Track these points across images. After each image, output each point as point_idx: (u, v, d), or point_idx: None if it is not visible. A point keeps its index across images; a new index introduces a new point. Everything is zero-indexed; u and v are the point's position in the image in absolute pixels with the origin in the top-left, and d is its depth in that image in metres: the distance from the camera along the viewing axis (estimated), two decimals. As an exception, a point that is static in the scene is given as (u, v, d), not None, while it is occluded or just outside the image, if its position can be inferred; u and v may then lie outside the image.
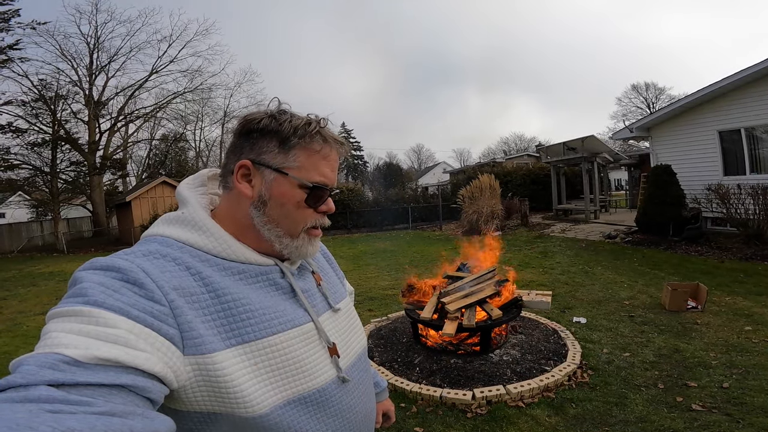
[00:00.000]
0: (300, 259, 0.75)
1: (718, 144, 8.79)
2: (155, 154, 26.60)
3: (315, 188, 0.69)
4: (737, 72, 7.94)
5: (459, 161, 54.17)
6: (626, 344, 3.61)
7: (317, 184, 0.69)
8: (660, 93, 37.18)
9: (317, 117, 0.70)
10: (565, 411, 2.64)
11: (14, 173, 18.57)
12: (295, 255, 0.72)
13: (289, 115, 0.68)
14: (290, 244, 0.71)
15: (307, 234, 0.72)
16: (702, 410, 2.54)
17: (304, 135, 0.67)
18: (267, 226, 0.69)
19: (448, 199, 16.58)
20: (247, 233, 0.70)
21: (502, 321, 3.25)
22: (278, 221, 0.69)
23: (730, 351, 3.35)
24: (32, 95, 18.55)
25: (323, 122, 0.70)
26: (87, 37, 20.58)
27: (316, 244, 0.75)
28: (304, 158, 0.68)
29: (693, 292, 4.57)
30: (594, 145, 13.14)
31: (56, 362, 0.44)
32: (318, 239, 0.76)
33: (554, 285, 5.82)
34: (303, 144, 0.67)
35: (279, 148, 0.67)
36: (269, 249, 0.71)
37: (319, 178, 0.69)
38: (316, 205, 0.71)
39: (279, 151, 0.67)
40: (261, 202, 0.68)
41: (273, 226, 0.69)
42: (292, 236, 0.70)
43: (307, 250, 0.73)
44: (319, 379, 0.68)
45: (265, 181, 0.67)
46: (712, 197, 7.90)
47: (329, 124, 0.72)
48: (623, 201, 18.64)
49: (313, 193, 0.69)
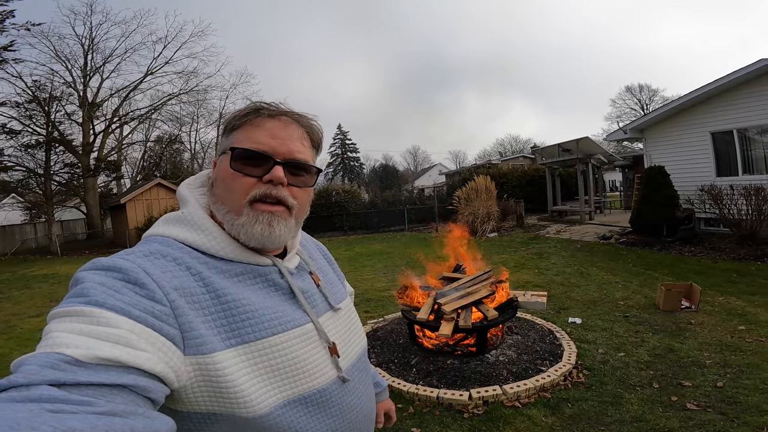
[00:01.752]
0: (256, 243, 0.67)
1: (710, 145, 8.87)
2: (150, 156, 26.43)
3: (236, 151, 0.67)
4: (729, 74, 8.03)
5: (455, 163, 54.34)
6: (621, 344, 3.63)
7: (238, 147, 0.67)
8: (654, 95, 37.50)
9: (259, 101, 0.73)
10: (561, 411, 2.65)
11: (8, 175, 18.44)
12: (245, 237, 0.66)
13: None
14: (236, 222, 0.66)
15: (252, 209, 0.66)
16: (697, 409, 2.56)
17: (242, 116, 0.70)
18: (215, 205, 0.70)
19: (444, 200, 16.62)
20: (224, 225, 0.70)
21: (498, 321, 3.26)
22: (222, 197, 0.68)
23: (724, 350, 3.38)
24: (26, 96, 18.48)
25: (268, 103, 0.72)
26: (81, 38, 20.50)
27: (268, 224, 0.66)
28: (240, 134, 0.70)
29: (687, 292, 4.61)
30: (589, 147, 13.23)
31: (57, 362, 0.44)
32: (275, 219, 0.67)
33: (550, 286, 5.85)
34: (241, 124, 0.70)
35: (225, 135, 0.72)
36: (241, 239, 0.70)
37: (248, 144, 0.67)
38: (253, 173, 0.66)
39: (225, 138, 0.71)
40: (211, 184, 0.71)
41: (220, 204, 0.69)
42: (237, 212, 0.66)
43: (255, 230, 0.65)
44: (319, 379, 0.68)
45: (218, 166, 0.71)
46: (705, 198, 7.96)
47: (281, 104, 0.73)
48: (618, 202, 18.75)
49: (238, 159, 0.66)
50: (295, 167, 0.69)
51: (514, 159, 26.71)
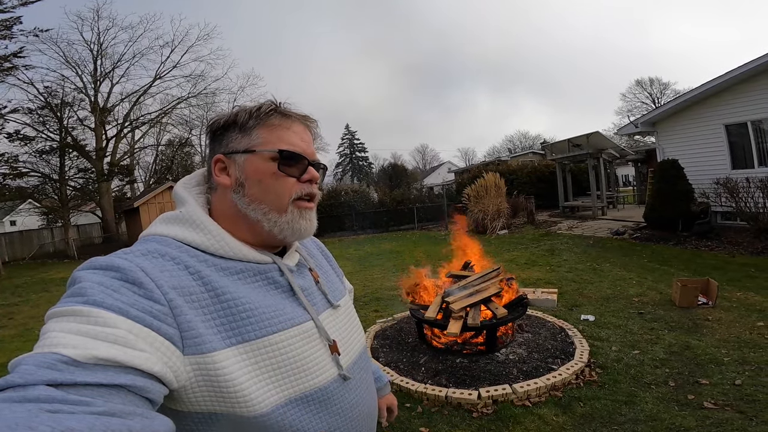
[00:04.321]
0: (296, 238, 0.73)
1: (725, 137, 8.69)
2: (162, 159, 26.78)
3: (284, 153, 0.69)
4: (743, 65, 7.85)
5: (464, 160, 54.08)
6: (636, 341, 3.57)
7: (286, 150, 0.69)
8: (665, 88, 36.84)
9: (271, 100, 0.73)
10: (572, 410, 2.61)
11: (24, 181, 18.75)
12: (289, 232, 0.71)
13: (243, 106, 0.72)
14: (279, 220, 0.70)
15: (296, 207, 0.71)
16: (714, 408, 2.50)
17: (259, 115, 0.70)
18: (251, 206, 0.69)
19: (453, 198, 16.53)
20: (239, 224, 0.70)
21: (508, 320, 3.23)
22: (261, 198, 0.69)
23: (743, 347, 3.30)
24: (38, 103, 18.73)
25: (278, 102, 0.73)
26: (90, 43, 20.79)
27: (309, 220, 0.73)
28: (266, 133, 0.70)
29: (703, 287, 4.51)
30: (599, 142, 13.05)
31: (55, 362, 0.44)
32: (312, 214, 0.74)
33: (562, 283, 5.78)
34: (260, 123, 0.70)
35: (241, 134, 0.70)
36: (265, 236, 0.71)
37: (285, 146, 0.70)
38: (295, 173, 0.70)
39: (242, 137, 0.70)
40: (239, 185, 0.70)
41: (257, 204, 0.69)
42: (280, 211, 0.70)
43: (300, 225, 0.71)
44: (320, 377, 0.68)
45: (238, 165, 0.70)
46: (720, 191, 7.81)
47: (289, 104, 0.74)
48: (631, 197, 18.49)
49: (285, 160, 0.69)
50: (317, 167, 0.75)
51: (523, 155, 26.44)
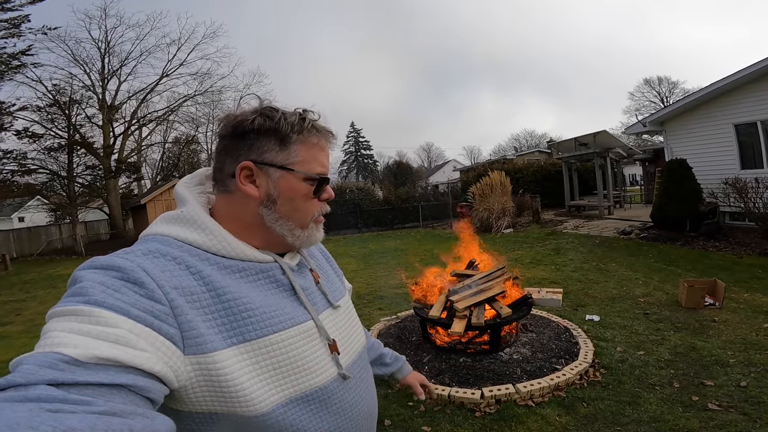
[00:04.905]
0: (309, 246, 0.79)
1: (734, 137, 8.57)
2: (168, 156, 26.94)
3: (320, 180, 0.72)
4: (753, 64, 7.73)
5: (469, 159, 53.86)
6: (641, 342, 3.54)
7: (321, 176, 0.72)
8: (673, 87, 36.38)
9: (305, 110, 0.71)
10: (576, 410, 2.60)
11: (32, 178, 18.97)
12: (306, 243, 0.76)
13: (280, 112, 0.69)
14: (302, 235, 0.74)
15: (315, 222, 0.76)
16: (718, 409, 2.48)
17: (302, 130, 0.69)
18: (279, 222, 0.70)
19: (458, 197, 16.48)
20: (255, 232, 0.71)
21: (512, 319, 3.22)
22: (289, 215, 0.71)
23: (749, 349, 3.26)
24: (47, 100, 18.91)
25: (315, 115, 0.72)
26: (98, 41, 20.89)
27: (320, 231, 0.79)
28: (304, 152, 0.70)
29: (710, 288, 4.47)
30: (606, 141, 12.93)
31: (56, 361, 0.44)
32: (321, 225, 0.79)
33: (567, 282, 5.75)
34: (301, 139, 0.69)
35: (279, 146, 0.68)
36: (277, 244, 0.73)
37: (320, 169, 0.72)
38: (325, 197, 0.75)
39: (280, 149, 0.68)
40: (270, 200, 0.69)
41: (285, 221, 0.71)
42: (303, 227, 0.73)
43: (316, 237, 0.77)
44: (320, 377, 0.68)
45: (272, 179, 0.69)
46: (729, 191, 7.70)
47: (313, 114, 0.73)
48: (638, 196, 18.31)
49: (320, 185, 0.72)
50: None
51: (529, 154, 26.27)
